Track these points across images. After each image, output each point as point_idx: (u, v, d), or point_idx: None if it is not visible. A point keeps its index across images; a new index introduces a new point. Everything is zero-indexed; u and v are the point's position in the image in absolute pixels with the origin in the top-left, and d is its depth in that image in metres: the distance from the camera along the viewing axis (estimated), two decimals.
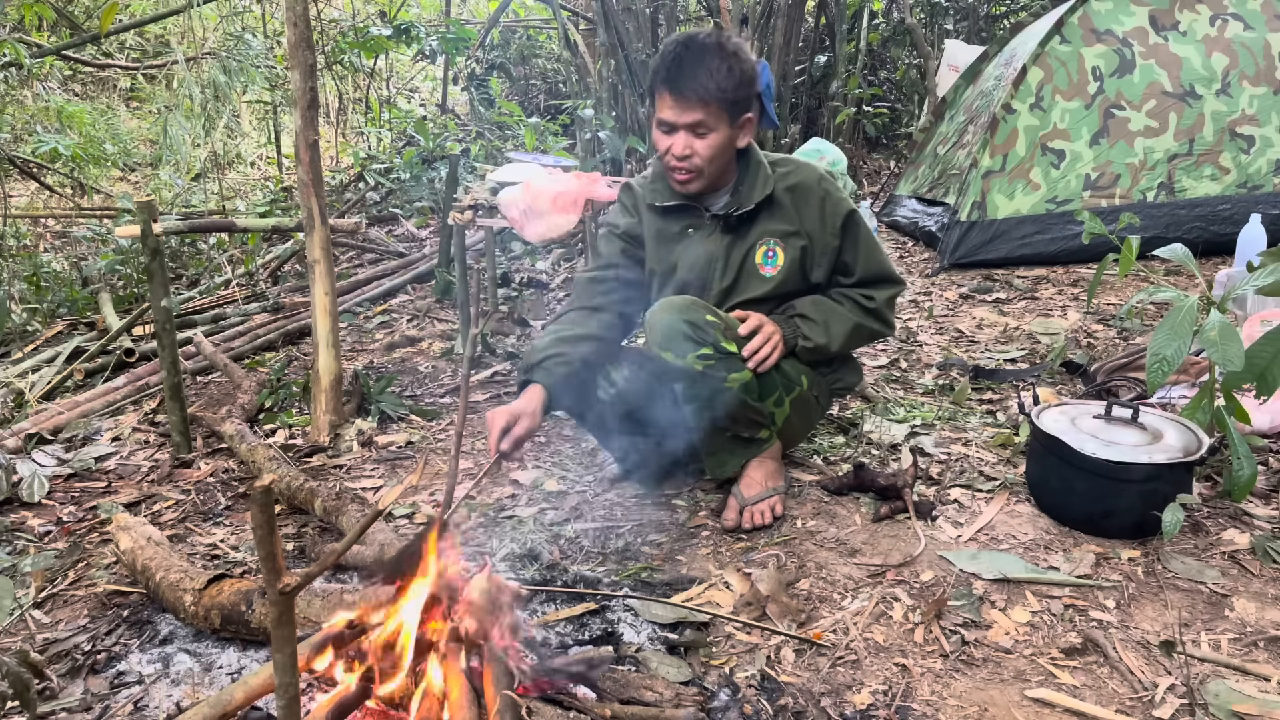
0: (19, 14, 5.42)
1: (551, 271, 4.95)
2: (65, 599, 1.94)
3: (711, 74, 1.96)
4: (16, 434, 2.78)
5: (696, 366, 1.98)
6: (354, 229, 2.87)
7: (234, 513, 2.37)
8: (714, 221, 2.17)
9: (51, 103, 7.35)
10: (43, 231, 5.89)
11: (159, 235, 2.52)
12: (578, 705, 1.42)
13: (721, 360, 2.00)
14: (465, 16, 9.04)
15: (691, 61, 1.96)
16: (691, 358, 1.98)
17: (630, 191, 2.30)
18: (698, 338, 1.98)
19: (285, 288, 4.67)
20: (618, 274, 2.23)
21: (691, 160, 2.03)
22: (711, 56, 1.96)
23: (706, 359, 1.98)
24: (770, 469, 2.16)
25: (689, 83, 1.96)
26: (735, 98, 1.99)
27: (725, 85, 1.97)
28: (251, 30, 7.20)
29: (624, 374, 2.16)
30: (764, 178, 2.13)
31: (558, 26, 6.62)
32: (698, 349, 1.98)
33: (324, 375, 2.77)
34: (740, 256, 2.16)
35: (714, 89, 1.96)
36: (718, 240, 2.16)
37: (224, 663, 1.66)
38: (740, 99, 2.01)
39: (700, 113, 1.98)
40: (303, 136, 2.63)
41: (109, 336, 3.61)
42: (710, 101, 1.97)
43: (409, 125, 7.13)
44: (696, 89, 1.96)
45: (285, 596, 0.94)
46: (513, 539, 2.10)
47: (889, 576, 1.89)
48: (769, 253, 2.16)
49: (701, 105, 1.97)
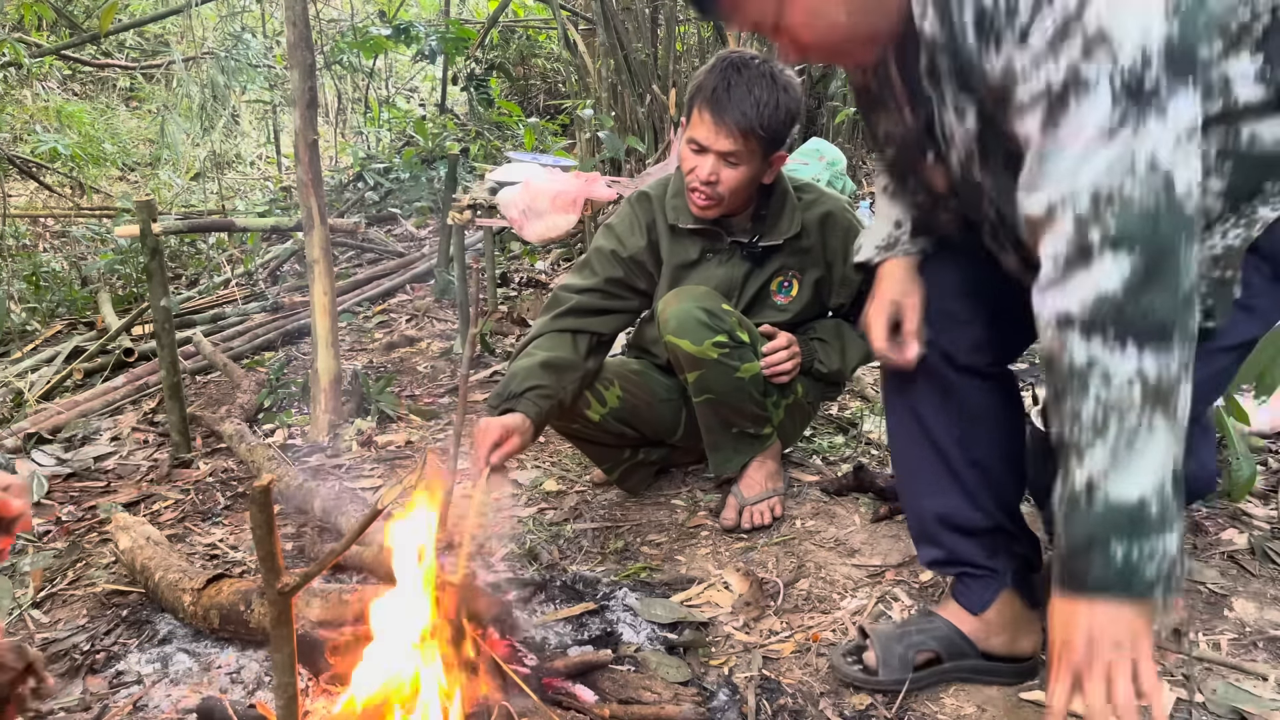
0: (18, 13, 5.42)
1: (551, 271, 4.94)
2: (64, 598, 1.94)
3: (758, 105, 1.88)
4: (16, 434, 2.78)
5: (712, 355, 1.97)
6: (353, 229, 2.88)
7: (233, 512, 2.37)
8: (734, 248, 2.12)
9: (51, 102, 7.35)
10: (42, 231, 5.88)
11: (158, 235, 2.52)
12: (577, 706, 1.42)
13: (735, 349, 1.99)
14: (464, 16, 9.04)
15: (740, 88, 1.88)
16: (708, 344, 1.96)
17: (646, 204, 2.16)
18: (714, 325, 1.96)
19: (284, 287, 4.67)
20: (608, 302, 2.14)
21: (715, 188, 1.96)
22: (762, 87, 1.88)
23: (722, 346, 1.97)
24: (770, 469, 2.16)
25: (732, 110, 1.88)
26: (775, 135, 1.93)
27: (769, 121, 1.89)
28: (250, 30, 7.20)
29: (616, 392, 2.15)
30: (790, 208, 2.09)
31: (557, 26, 6.62)
32: (714, 336, 1.96)
33: (323, 375, 2.76)
34: (757, 286, 2.13)
35: (756, 122, 1.88)
36: (737, 267, 2.12)
37: (223, 662, 1.66)
38: (780, 136, 1.95)
39: (736, 143, 1.90)
40: (302, 136, 2.63)
41: (108, 336, 3.61)
42: (750, 134, 1.89)
43: (408, 125, 7.14)
44: (738, 118, 1.88)
45: (284, 596, 0.94)
46: (513, 539, 2.10)
47: (888, 576, 1.89)
48: (785, 283, 2.14)
49: (740, 136, 1.89)
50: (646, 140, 5.82)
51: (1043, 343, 1.04)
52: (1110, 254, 0.96)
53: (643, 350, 2.32)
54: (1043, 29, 0.97)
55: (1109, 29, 0.94)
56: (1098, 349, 0.97)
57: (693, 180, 1.98)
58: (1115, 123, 0.95)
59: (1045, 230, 1.01)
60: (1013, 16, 0.99)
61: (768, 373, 2.07)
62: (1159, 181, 0.95)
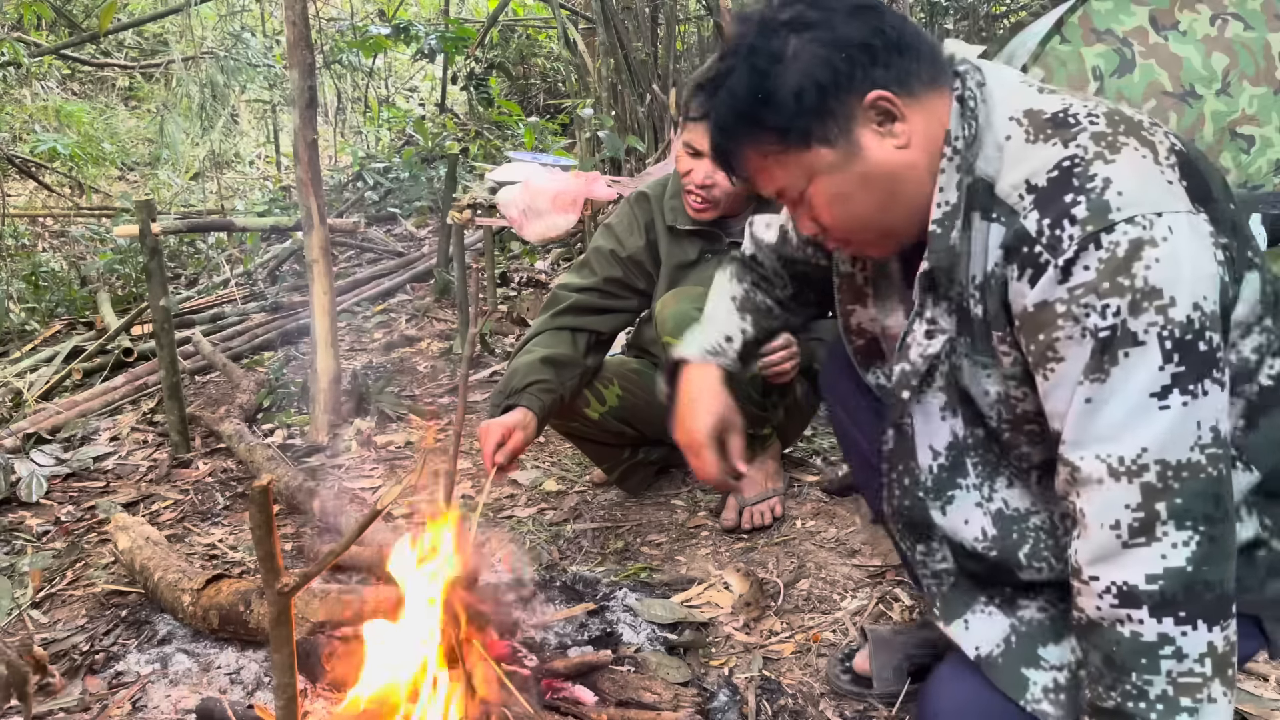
0: (18, 13, 5.42)
1: (551, 271, 4.94)
2: (63, 599, 1.94)
3: None
4: (15, 434, 2.77)
5: None
6: (353, 228, 2.87)
7: (232, 512, 2.36)
8: (733, 249, 2.11)
9: (50, 102, 7.34)
10: (41, 231, 5.88)
11: (157, 234, 2.52)
12: (575, 711, 1.42)
13: None
14: (464, 15, 9.03)
15: None
16: None
17: (645, 204, 2.17)
18: None
19: (284, 287, 4.67)
20: (606, 301, 2.14)
21: (710, 191, 1.98)
22: None
23: None
24: (770, 470, 2.15)
25: None
26: None
27: None
28: (250, 29, 7.20)
29: (616, 391, 2.15)
30: None
31: (557, 26, 6.62)
32: None
33: (322, 375, 2.76)
34: None
35: None
36: None
37: (222, 663, 1.66)
38: None
39: None
40: (301, 136, 2.63)
41: (107, 336, 3.61)
42: None
43: (408, 124, 7.14)
44: None
45: (283, 596, 0.94)
46: (512, 539, 2.10)
47: (888, 576, 1.89)
48: None
49: None
50: (646, 140, 5.82)
51: (1086, 605, 0.97)
52: (1176, 528, 0.91)
53: (642, 350, 2.32)
54: (1089, 270, 0.91)
55: (1162, 284, 0.89)
56: (1170, 626, 0.92)
57: (688, 184, 2.00)
58: (1170, 382, 0.90)
59: (1096, 492, 0.95)
60: (1056, 249, 0.92)
61: (766, 373, 2.07)
62: (1221, 452, 0.92)
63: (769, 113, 1.03)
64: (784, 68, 1.02)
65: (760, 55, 1.03)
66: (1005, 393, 1.06)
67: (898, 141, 1.02)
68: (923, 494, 1.15)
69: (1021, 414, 1.06)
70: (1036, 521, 1.10)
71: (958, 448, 1.13)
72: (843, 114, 1.01)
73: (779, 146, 1.04)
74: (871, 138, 1.02)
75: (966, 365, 1.07)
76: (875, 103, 1.01)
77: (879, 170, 1.03)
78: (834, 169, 1.03)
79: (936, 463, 1.14)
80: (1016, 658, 1.08)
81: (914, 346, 1.10)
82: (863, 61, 1.00)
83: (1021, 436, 1.08)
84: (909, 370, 1.11)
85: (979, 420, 1.11)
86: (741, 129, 1.06)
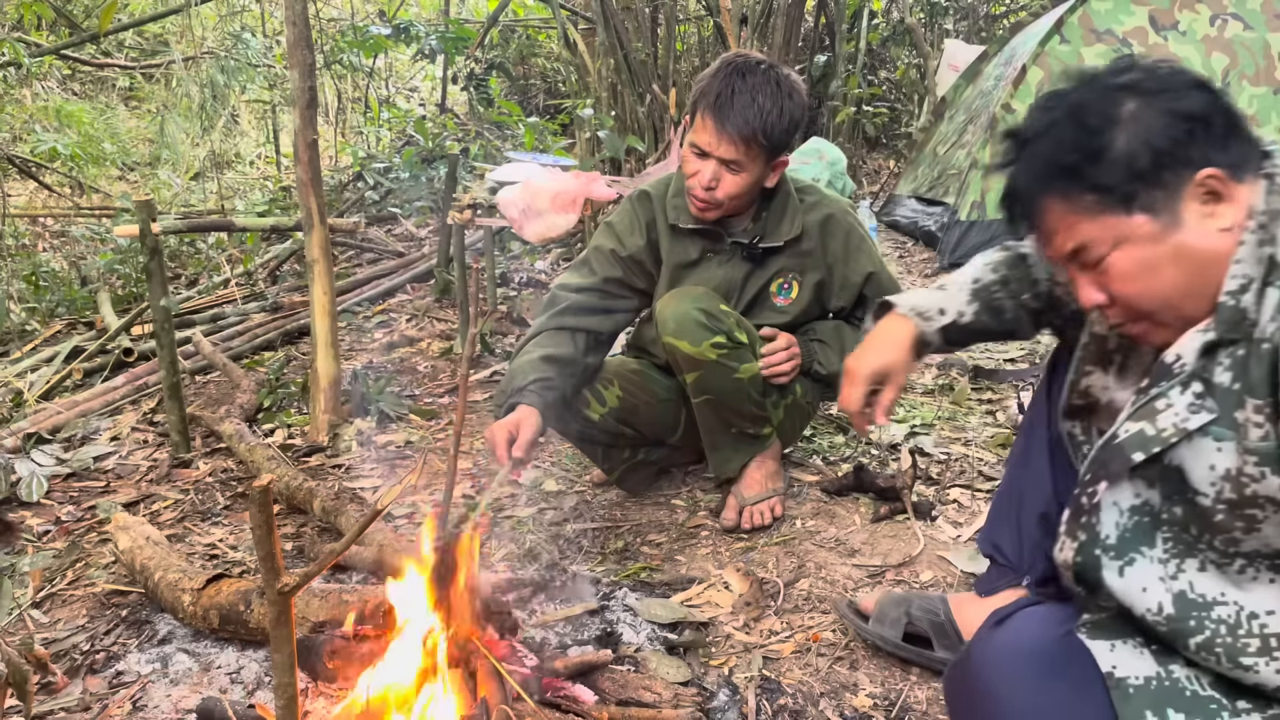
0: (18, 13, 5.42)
1: (551, 271, 4.94)
2: (64, 598, 1.94)
3: (761, 113, 1.87)
4: (15, 433, 2.77)
5: (710, 356, 1.96)
6: (353, 228, 2.87)
7: (233, 512, 2.37)
8: (735, 249, 2.11)
9: (50, 102, 7.34)
10: (41, 231, 5.88)
11: (157, 234, 2.52)
12: (575, 710, 1.42)
13: (734, 350, 1.99)
14: (464, 16, 9.03)
15: (744, 94, 1.87)
16: (706, 345, 1.95)
17: (646, 203, 2.15)
18: (712, 326, 1.96)
19: (284, 287, 4.67)
20: (606, 301, 2.13)
21: (713, 193, 1.97)
22: (766, 94, 1.87)
23: (720, 347, 1.97)
24: (770, 469, 2.15)
25: (735, 117, 1.87)
26: (777, 142, 1.92)
27: (772, 128, 1.88)
28: (250, 29, 7.20)
29: (616, 392, 2.15)
30: (792, 210, 2.08)
31: (557, 26, 6.62)
32: (712, 337, 1.96)
33: (323, 375, 2.76)
34: (757, 288, 2.13)
35: (759, 129, 1.87)
36: (737, 268, 2.12)
37: (223, 663, 1.66)
38: (782, 143, 1.94)
39: (738, 151, 1.90)
40: (301, 136, 2.63)
41: (108, 336, 3.61)
42: (752, 142, 1.89)
43: (408, 124, 7.13)
44: (741, 126, 1.87)
45: (284, 596, 0.94)
46: (512, 539, 2.10)
47: (888, 577, 1.89)
48: (785, 285, 2.14)
49: (743, 143, 1.89)
50: (646, 140, 5.83)
51: None
52: None
53: (642, 350, 2.32)
54: None
55: None
56: None
57: (693, 184, 1.98)
58: None
59: None
60: None
61: (766, 373, 2.07)
62: None
63: (1095, 170, 0.99)
64: (1119, 129, 0.99)
65: (1091, 112, 1.00)
66: (1238, 469, 0.97)
67: (1221, 224, 0.98)
68: (1099, 551, 1.09)
69: (1249, 496, 0.97)
70: (1221, 614, 1.01)
71: (1150, 515, 1.07)
72: (1173, 185, 0.98)
73: (1096, 205, 1.00)
74: (1195, 215, 0.98)
75: (1194, 438, 1.00)
76: (1206, 180, 0.97)
77: (1195, 250, 0.98)
78: (1148, 240, 0.99)
79: (1121, 521, 1.08)
80: (1147, 702, 1.00)
81: (1167, 414, 1.01)
82: (1202, 136, 0.97)
83: (1238, 521, 0.98)
84: (1151, 436, 1.02)
85: (1181, 496, 1.03)
86: (1056, 181, 1.02)
